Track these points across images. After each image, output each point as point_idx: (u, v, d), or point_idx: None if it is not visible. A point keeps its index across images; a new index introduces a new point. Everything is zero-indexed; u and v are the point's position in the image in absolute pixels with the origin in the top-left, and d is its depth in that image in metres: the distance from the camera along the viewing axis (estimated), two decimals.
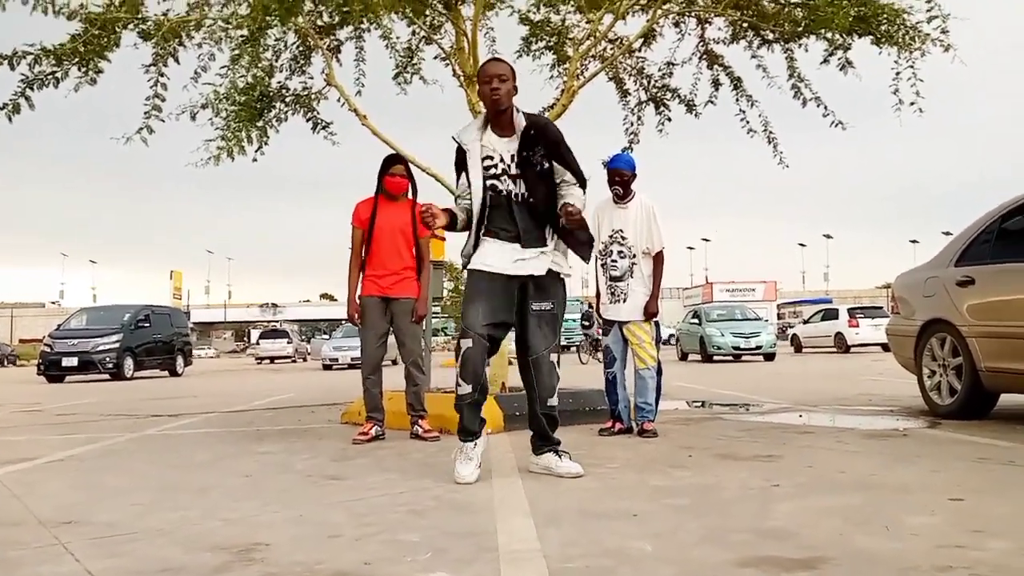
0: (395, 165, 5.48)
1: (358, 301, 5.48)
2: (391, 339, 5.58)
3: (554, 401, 3.89)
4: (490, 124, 3.87)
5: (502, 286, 3.78)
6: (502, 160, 3.81)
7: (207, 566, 2.34)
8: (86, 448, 5.40)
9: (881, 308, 26.58)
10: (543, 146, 3.81)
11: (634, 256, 5.28)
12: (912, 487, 3.31)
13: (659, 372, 5.33)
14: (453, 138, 3.91)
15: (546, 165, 3.82)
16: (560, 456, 3.84)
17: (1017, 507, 2.93)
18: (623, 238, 5.30)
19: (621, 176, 5.28)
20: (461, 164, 3.89)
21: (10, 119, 5.93)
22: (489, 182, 3.81)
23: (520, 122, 3.82)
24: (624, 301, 5.29)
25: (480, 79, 3.84)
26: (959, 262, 5.88)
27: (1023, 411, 6.06)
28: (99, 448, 5.40)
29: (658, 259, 5.33)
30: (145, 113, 5.95)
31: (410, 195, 5.53)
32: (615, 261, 5.31)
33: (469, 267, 3.84)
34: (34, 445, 5.67)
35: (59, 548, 2.60)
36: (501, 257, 3.80)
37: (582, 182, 3.88)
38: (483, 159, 3.82)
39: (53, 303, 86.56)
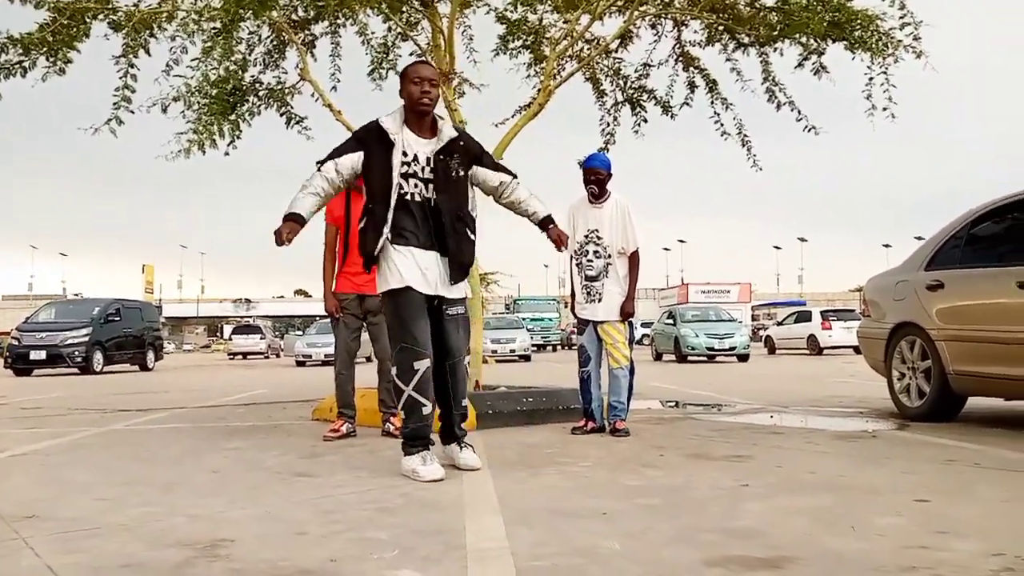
0: None
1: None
2: (364, 336, 5.55)
3: (466, 400, 4.02)
4: (407, 123, 3.83)
5: (424, 297, 3.77)
6: (416, 160, 3.78)
7: (169, 562, 2.30)
8: (51, 443, 5.31)
9: (853, 311, 26.84)
10: (468, 157, 3.88)
11: (609, 256, 5.29)
12: (880, 488, 3.33)
13: (632, 371, 5.35)
14: (380, 125, 3.80)
15: (461, 173, 3.86)
16: (462, 448, 3.90)
17: (983, 508, 2.96)
18: (599, 238, 5.30)
19: (597, 175, 5.28)
20: (360, 146, 3.82)
21: None
22: (397, 180, 3.75)
23: (447, 128, 3.87)
24: (599, 301, 5.30)
25: (409, 78, 3.79)
26: (929, 266, 5.94)
27: (990, 414, 6.14)
28: (64, 443, 5.32)
29: (633, 259, 5.34)
30: (114, 104, 5.86)
31: None
32: (591, 261, 5.32)
33: (398, 286, 3.72)
34: None
35: (19, 543, 2.55)
36: (423, 272, 3.75)
37: (514, 175, 4.03)
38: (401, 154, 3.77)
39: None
